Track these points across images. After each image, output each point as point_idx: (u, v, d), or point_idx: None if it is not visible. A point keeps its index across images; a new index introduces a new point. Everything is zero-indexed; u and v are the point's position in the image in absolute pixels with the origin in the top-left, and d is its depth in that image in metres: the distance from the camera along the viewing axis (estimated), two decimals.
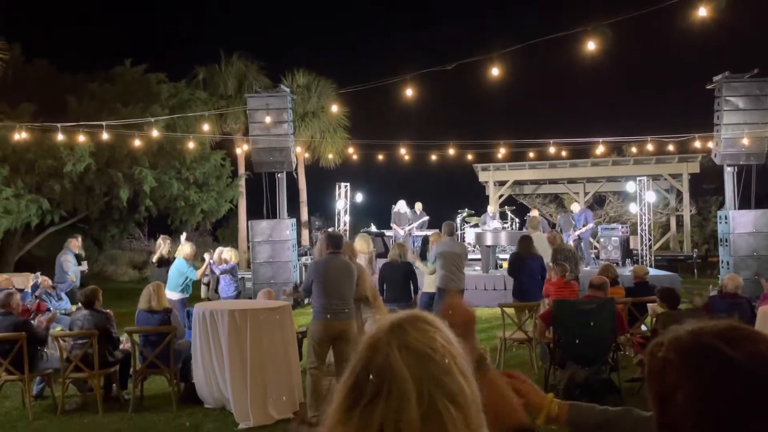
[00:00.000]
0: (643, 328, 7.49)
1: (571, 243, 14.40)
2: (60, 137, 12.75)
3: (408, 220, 15.18)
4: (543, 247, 9.45)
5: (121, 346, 6.85)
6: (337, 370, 5.60)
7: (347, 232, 17.20)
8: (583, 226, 14.37)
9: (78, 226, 18.54)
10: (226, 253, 9.20)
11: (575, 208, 15.27)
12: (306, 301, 12.68)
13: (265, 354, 5.82)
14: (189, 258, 8.67)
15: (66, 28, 31.39)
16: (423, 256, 10.99)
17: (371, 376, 0.88)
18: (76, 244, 11.19)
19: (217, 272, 9.18)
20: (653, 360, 0.95)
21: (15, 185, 13.88)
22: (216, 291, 9.31)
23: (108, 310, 6.85)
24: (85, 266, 11.15)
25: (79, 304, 6.78)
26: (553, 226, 21.71)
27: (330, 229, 18.04)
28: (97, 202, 16.67)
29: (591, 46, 8.06)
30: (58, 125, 12.16)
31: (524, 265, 8.28)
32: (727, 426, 0.86)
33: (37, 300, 9.44)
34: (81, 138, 13.17)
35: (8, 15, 13.42)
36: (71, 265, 10.65)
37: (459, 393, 0.87)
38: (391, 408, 0.85)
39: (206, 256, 9.34)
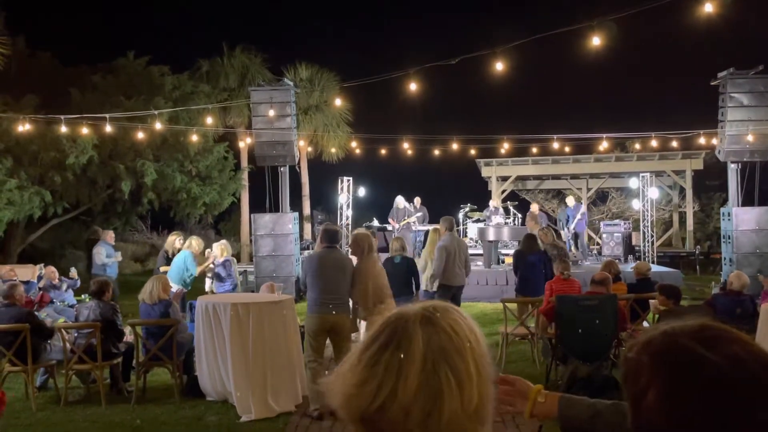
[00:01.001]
0: (645, 324, 7.49)
1: (564, 238, 14.43)
2: (63, 129, 12.77)
3: (405, 214, 15.17)
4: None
5: (124, 338, 6.88)
6: (335, 358, 5.69)
7: (349, 227, 17.21)
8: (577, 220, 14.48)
9: (81, 218, 18.57)
10: (216, 248, 9.15)
11: (570, 202, 15.27)
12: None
13: (267, 347, 5.84)
14: (196, 252, 8.70)
15: (69, 20, 31.37)
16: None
17: (387, 331, 0.92)
18: (111, 235, 11.17)
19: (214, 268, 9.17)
20: (627, 361, 0.96)
21: (18, 177, 13.90)
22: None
23: (115, 302, 6.89)
24: (119, 256, 11.12)
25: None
26: (554, 221, 21.74)
27: (325, 224, 18.05)
28: (100, 194, 16.68)
29: (596, 41, 8.02)
30: (62, 117, 12.17)
31: (526, 261, 8.32)
32: (699, 427, 0.85)
33: (41, 291, 9.49)
34: (84, 130, 13.18)
35: (12, 7, 13.37)
36: (102, 256, 10.67)
37: (464, 373, 0.89)
38: (395, 360, 0.88)
39: (208, 252, 9.33)
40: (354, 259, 6.12)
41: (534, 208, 15.02)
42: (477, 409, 0.90)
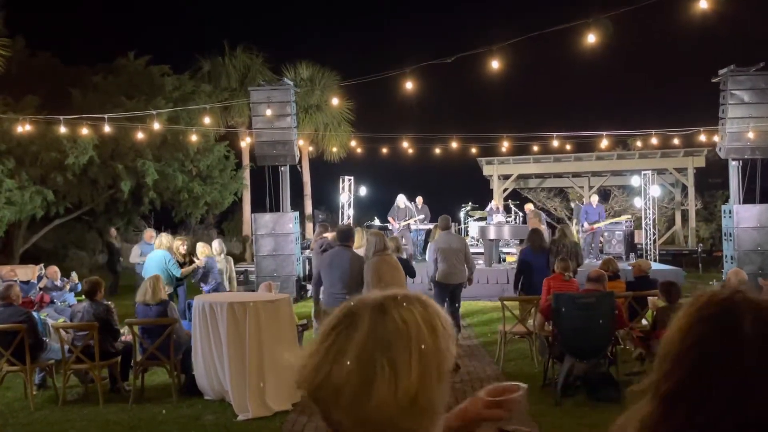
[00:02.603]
0: (644, 322, 7.47)
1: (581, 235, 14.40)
2: (63, 130, 12.80)
3: (405, 214, 15.16)
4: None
5: (122, 338, 6.89)
6: None
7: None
8: (596, 220, 14.51)
9: (83, 218, 18.62)
10: (198, 248, 9.13)
11: (594, 200, 15.28)
12: (309, 294, 12.73)
13: (264, 346, 5.84)
14: (178, 254, 8.72)
15: (69, 20, 31.45)
16: (425, 251, 10.99)
17: (342, 314, 0.97)
18: (150, 235, 11.08)
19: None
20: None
21: (19, 177, 13.94)
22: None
23: (109, 302, 6.89)
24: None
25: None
26: (558, 220, 21.69)
27: (321, 221, 18.06)
28: (102, 194, 16.73)
29: (594, 38, 8.00)
30: (61, 118, 12.20)
31: (533, 261, 8.22)
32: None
33: (41, 292, 9.50)
34: (84, 131, 13.21)
35: (11, 6, 13.38)
36: (137, 256, 10.68)
37: (404, 365, 0.91)
38: (338, 342, 0.93)
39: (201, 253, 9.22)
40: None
41: (530, 206, 15.04)
42: (415, 402, 0.90)
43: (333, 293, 6.19)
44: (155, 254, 8.61)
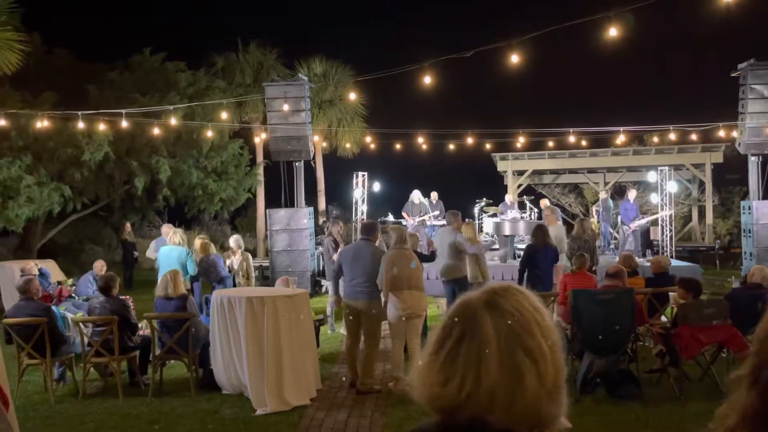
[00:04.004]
0: (663, 318, 7.40)
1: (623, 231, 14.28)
2: (80, 126, 12.88)
3: (420, 210, 15.12)
4: (561, 238, 9.35)
5: (140, 332, 6.92)
6: (365, 342, 6.34)
7: (363, 222, 17.18)
8: (635, 217, 14.38)
9: (99, 214, 18.75)
10: (196, 243, 9.13)
11: (631, 196, 15.07)
12: (323, 289, 12.74)
13: (282, 341, 5.85)
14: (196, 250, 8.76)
15: (85, 17, 31.66)
16: None
17: (458, 322, 0.99)
18: (166, 230, 11.01)
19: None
20: None
21: (37, 173, 14.05)
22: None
23: (127, 297, 6.93)
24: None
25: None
26: (572, 216, 21.54)
27: (334, 216, 18.03)
28: (117, 190, 16.83)
29: (613, 32, 7.91)
30: (79, 113, 12.28)
31: (539, 255, 8.21)
32: None
33: (60, 286, 9.58)
34: (101, 127, 13.29)
35: (28, 3, 13.45)
36: (153, 251, 10.71)
37: (537, 350, 0.95)
38: (472, 350, 0.95)
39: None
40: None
41: (545, 202, 14.91)
42: (556, 384, 0.97)
43: (354, 286, 6.28)
44: (174, 250, 8.64)
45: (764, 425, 0.87)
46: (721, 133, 14.32)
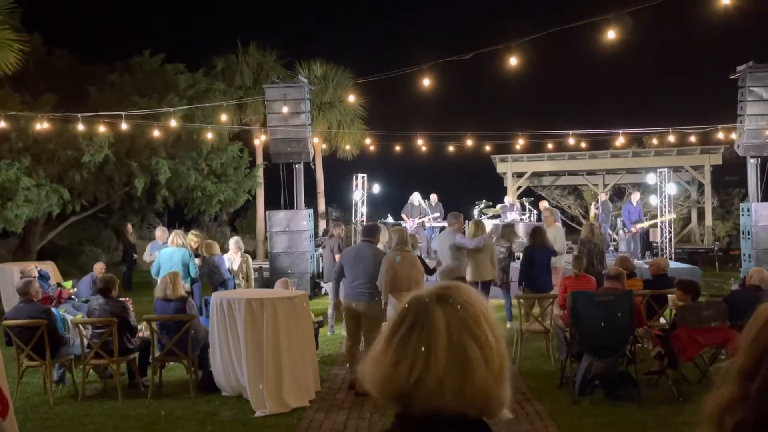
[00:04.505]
0: (662, 320, 7.41)
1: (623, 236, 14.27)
2: (80, 128, 12.88)
3: (420, 212, 15.15)
4: (561, 240, 9.39)
5: (140, 334, 6.93)
6: (366, 344, 6.34)
7: (364, 224, 17.19)
8: (639, 220, 14.35)
9: (99, 215, 18.76)
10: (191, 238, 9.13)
11: (634, 198, 15.04)
12: (323, 291, 12.74)
13: (281, 343, 5.86)
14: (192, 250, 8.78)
15: (85, 18, 31.67)
16: None
17: (409, 312, 1.03)
18: (160, 234, 10.65)
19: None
20: None
21: (36, 175, 14.06)
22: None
23: (126, 298, 6.94)
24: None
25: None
26: (571, 218, 21.55)
27: (334, 219, 18.04)
28: (117, 192, 16.84)
29: (611, 34, 7.93)
30: (79, 115, 12.29)
31: (536, 257, 8.30)
32: None
33: (59, 287, 9.58)
34: (101, 128, 13.30)
35: (27, 4, 13.45)
36: (148, 255, 10.70)
37: (483, 339, 1.00)
38: (422, 338, 0.99)
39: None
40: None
41: (544, 204, 14.92)
42: (501, 369, 1.01)
43: (355, 287, 6.32)
44: (175, 251, 8.64)
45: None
46: (720, 135, 14.34)
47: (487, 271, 8.38)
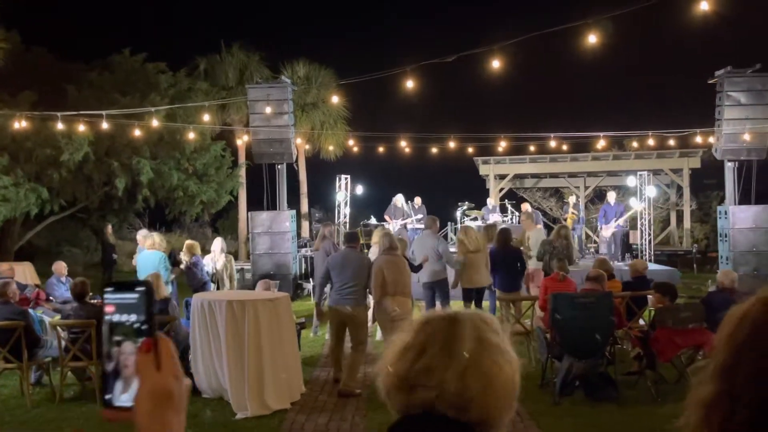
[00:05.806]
0: (641, 322, 7.49)
1: (605, 235, 14.31)
2: (60, 126, 12.73)
3: (403, 214, 15.17)
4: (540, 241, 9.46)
5: None
6: (353, 348, 6.43)
7: (347, 225, 17.20)
8: (619, 217, 14.32)
9: (78, 215, 18.54)
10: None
11: (611, 198, 15.09)
12: (305, 292, 12.70)
13: (262, 344, 5.83)
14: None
15: (64, 15, 31.30)
16: None
17: (430, 325, 1.08)
18: (141, 237, 10.68)
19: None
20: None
21: (14, 174, 13.86)
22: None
23: (99, 302, 6.84)
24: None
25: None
26: (554, 220, 21.72)
27: (318, 219, 18.01)
28: (97, 191, 16.66)
29: (592, 39, 8.01)
30: (59, 114, 12.13)
31: (503, 258, 8.41)
32: None
33: (37, 289, 9.44)
34: (81, 127, 13.15)
35: (5, 1, 13.26)
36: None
37: (503, 360, 1.05)
38: (445, 348, 1.04)
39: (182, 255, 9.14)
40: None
41: (526, 207, 15.00)
42: (514, 386, 1.06)
43: (344, 292, 6.39)
44: (152, 255, 8.56)
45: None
46: (699, 139, 14.56)
47: (483, 278, 8.40)
